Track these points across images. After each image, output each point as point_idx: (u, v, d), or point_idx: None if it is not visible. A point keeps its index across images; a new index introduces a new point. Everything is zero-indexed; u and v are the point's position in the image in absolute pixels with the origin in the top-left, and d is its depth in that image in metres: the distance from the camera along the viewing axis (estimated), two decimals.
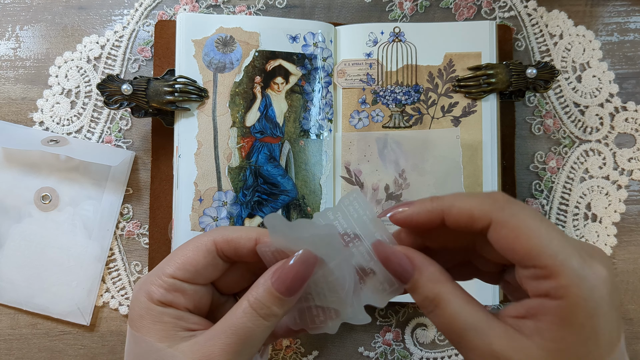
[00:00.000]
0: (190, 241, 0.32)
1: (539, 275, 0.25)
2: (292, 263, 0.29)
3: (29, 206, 0.49)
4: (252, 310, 0.29)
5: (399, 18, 0.53)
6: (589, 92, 0.52)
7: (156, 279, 0.31)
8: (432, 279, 0.27)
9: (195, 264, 0.31)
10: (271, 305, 0.29)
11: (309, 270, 0.29)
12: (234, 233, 0.31)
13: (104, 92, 0.45)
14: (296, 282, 0.29)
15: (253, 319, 0.29)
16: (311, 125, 0.48)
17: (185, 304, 0.31)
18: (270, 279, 0.29)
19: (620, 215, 0.52)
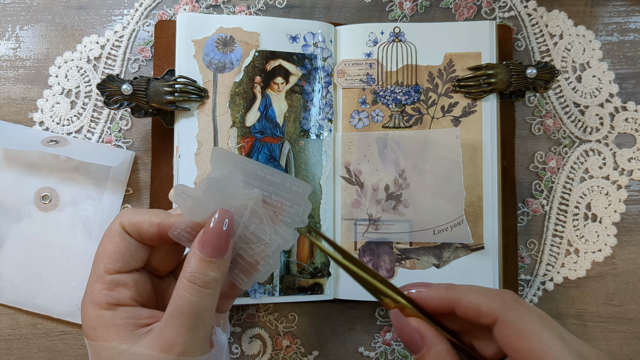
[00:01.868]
0: (103, 237, 0.33)
1: None
2: (212, 225, 0.30)
3: (29, 206, 0.49)
4: (190, 284, 0.30)
5: (399, 18, 0.53)
6: (589, 92, 0.52)
7: (95, 284, 0.31)
8: (438, 357, 0.29)
9: (117, 251, 0.32)
10: (207, 271, 0.30)
11: (229, 225, 0.31)
12: (138, 217, 0.32)
13: (104, 92, 0.45)
14: (221, 241, 0.30)
15: (194, 291, 0.30)
16: (311, 125, 0.48)
17: (131, 296, 0.32)
18: (198, 247, 0.30)
19: (620, 215, 0.52)
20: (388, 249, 0.47)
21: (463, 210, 0.46)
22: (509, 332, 0.27)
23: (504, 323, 0.28)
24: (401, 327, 0.30)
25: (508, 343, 0.27)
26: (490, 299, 0.29)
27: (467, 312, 0.29)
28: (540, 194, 0.52)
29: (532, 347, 0.26)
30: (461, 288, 0.30)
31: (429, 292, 0.30)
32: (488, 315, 0.28)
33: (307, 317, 0.51)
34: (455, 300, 0.29)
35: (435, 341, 0.29)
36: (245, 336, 0.51)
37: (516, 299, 0.29)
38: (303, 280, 0.47)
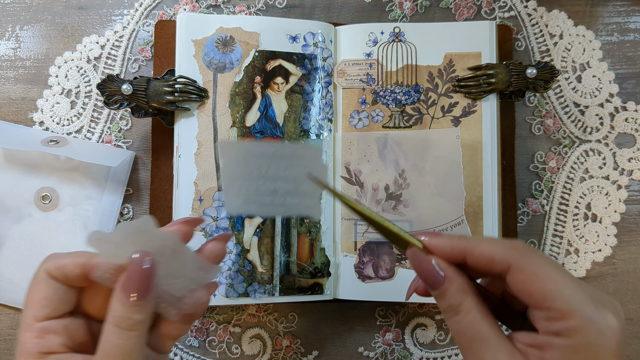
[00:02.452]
0: (30, 284, 0.32)
1: (551, 317, 0.27)
2: (131, 268, 0.30)
3: (29, 206, 0.49)
4: (115, 328, 0.30)
5: (399, 18, 0.53)
6: (589, 92, 0.52)
7: (25, 334, 0.31)
8: (460, 290, 0.29)
9: (44, 297, 0.31)
10: (131, 314, 0.30)
11: (149, 269, 0.30)
12: (61, 260, 0.32)
13: (104, 92, 0.45)
14: (143, 283, 0.30)
15: (120, 335, 0.30)
16: (311, 125, 0.48)
17: (62, 342, 0.31)
18: (120, 291, 0.30)
19: (620, 215, 0.52)
20: (388, 249, 0.47)
21: (463, 210, 0.46)
22: (523, 277, 0.28)
23: (518, 269, 0.28)
24: (420, 264, 0.30)
25: (523, 288, 0.28)
26: (503, 247, 0.29)
27: (480, 261, 0.29)
28: (540, 194, 0.52)
29: (547, 289, 0.27)
30: (472, 238, 0.30)
31: (441, 240, 0.31)
32: (501, 262, 0.29)
33: (307, 317, 0.51)
34: (467, 249, 0.30)
35: (456, 275, 0.30)
36: (245, 336, 0.51)
37: (527, 247, 0.29)
38: (303, 280, 0.47)
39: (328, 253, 0.47)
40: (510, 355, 0.28)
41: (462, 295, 0.29)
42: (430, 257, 0.30)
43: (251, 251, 0.46)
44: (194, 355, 0.50)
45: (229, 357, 0.50)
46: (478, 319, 0.29)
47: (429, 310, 0.51)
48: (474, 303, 0.29)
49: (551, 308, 0.27)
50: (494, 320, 0.29)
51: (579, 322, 0.26)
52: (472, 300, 0.29)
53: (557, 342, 0.27)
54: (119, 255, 0.31)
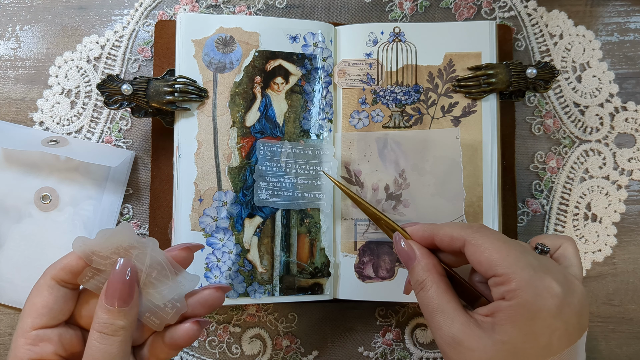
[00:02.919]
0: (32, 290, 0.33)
1: (497, 282, 0.32)
2: (113, 276, 0.32)
3: (29, 206, 0.49)
4: (99, 333, 0.31)
5: (399, 18, 0.53)
6: (589, 92, 0.52)
7: (19, 339, 0.32)
8: (425, 268, 0.35)
9: (45, 305, 0.32)
10: (113, 320, 0.31)
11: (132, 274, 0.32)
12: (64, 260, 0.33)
13: (104, 92, 0.45)
14: (125, 290, 0.32)
15: (104, 340, 0.31)
16: (311, 125, 0.48)
17: (54, 351, 0.32)
18: (103, 299, 0.32)
19: (620, 215, 0.52)
20: (388, 249, 0.47)
21: (463, 210, 0.46)
22: (474, 249, 0.33)
23: (470, 243, 0.33)
24: (399, 244, 0.38)
25: (475, 258, 0.33)
26: (461, 227, 0.35)
27: (443, 240, 0.35)
28: (540, 194, 0.52)
29: (492, 257, 0.32)
30: (440, 224, 0.36)
31: (417, 227, 0.38)
32: (458, 239, 0.34)
33: (307, 317, 0.51)
34: (434, 232, 0.36)
35: (424, 255, 0.36)
36: (245, 336, 0.51)
37: (483, 226, 0.35)
38: (303, 281, 0.47)
39: (328, 253, 0.47)
40: (465, 324, 0.31)
41: (426, 273, 0.35)
42: (406, 240, 0.38)
43: (251, 251, 0.46)
44: (194, 355, 0.50)
45: (229, 357, 0.50)
46: (438, 293, 0.33)
47: None
48: (435, 280, 0.34)
49: (496, 274, 0.31)
50: (453, 295, 0.34)
51: (518, 285, 0.30)
52: (434, 277, 0.34)
53: (502, 305, 0.31)
54: (101, 262, 0.32)
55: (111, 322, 0.31)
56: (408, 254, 0.37)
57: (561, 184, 0.52)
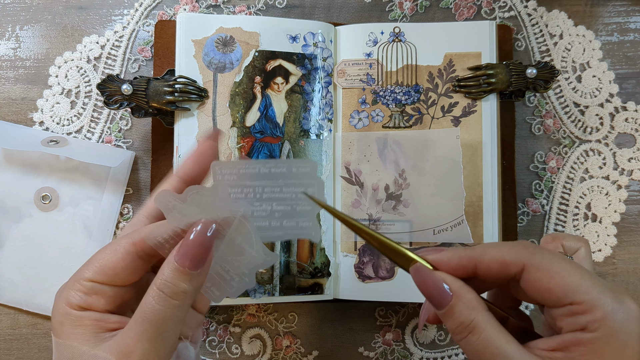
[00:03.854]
0: (109, 244, 0.32)
1: (575, 311, 0.26)
2: (192, 236, 0.29)
3: (29, 206, 0.49)
4: (158, 291, 0.29)
5: (399, 18, 0.53)
6: (589, 92, 0.52)
7: (74, 284, 0.30)
8: (469, 306, 0.28)
9: (113, 267, 0.31)
10: (178, 282, 0.29)
11: (210, 238, 0.29)
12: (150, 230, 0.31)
13: (104, 92, 0.45)
14: (200, 253, 0.29)
15: (161, 300, 0.29)
16: (311, 125, 0.48)
17: (105, 306, 0.31)
18: (174, 257, 0.29)
19: (620, 215, 0.52)
20: None
21: (463, 210, 0.46)
22: (540, 274, 0.27)
23: (534, 267, 0.27)
24: (425, 281, 0.29)
25: (542, 285, 0.27)
26: (512, 248, 0.28)
27: (491, 266, 0.28)
28: (540, 194, 0.52)
29: (566, 282, 0.27)
30: (478, 247, 0.29)
31: (447, 253, 0.29)
32: (514, 263, 0.28)
33: (307, 317, 0.51)
34: (476, 257, 0.28)
35: (464, 290, 0.28)
36: (245, 336, 0.51)
37: (535, 245, 0.29)
38: (303, 280, 0.47)
39: (328, 253, 0.47)
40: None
41: (473, 311, 0.28)
42: (435, 272, 0.29)
43: None
44: None
45: (229, 357, 0.50)
46: (494, 336, 0.27)
47: None
48: (486, 318, 0.28)
49: (574, 302, 0.26)
50: (508, 334, 0.28)
51: (604, 313, 0.26)
52: (484, 316, 0.28)
53: (584, 338, 0.26)
54: (182, 221, 0.30)
55: (174, 282, 0.29)
56: (440, 292, 0.28)
57: (561, 184, 0.52)
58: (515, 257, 0.28)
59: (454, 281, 0.29)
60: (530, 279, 0.27)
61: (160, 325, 0.29)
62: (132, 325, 0.29)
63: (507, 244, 0.29)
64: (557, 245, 0.34)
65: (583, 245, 0.33)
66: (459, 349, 0.51)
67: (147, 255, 0.32)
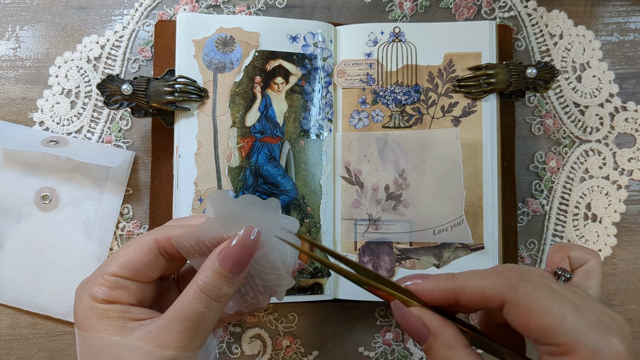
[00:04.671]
0: (132, 240, 0.33)
1: (554, 352, 0.26)
2: (237, 240, 0.30)
3: (29, 206, 0.49)
4: (202, 294, 0.30)
5: (399, 18, 0.53)
6: (589, 92, 0.52)
7: (98, 279, 0.31)
8: (446, 345, 0.28)
9: (136, 262, 0.32)
10: (221, 285, 0.30)
11: (253, 244, 0.30)
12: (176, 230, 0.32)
13: (104, 92, 0.45)
14: (243, 258, 0.30)
15: (205, 302, 0.30)
16: (311, 125, 0.48)
17: (128, 299, 0.32)
18: (217, 259, 0.30)
19: (620, 215, 0.52)
20: (388, 249, 0.47)
21: (463, 210, 0.46)
22: (519, 311, 0.26)
23: (513, 303, 0.27)
24: (403, 318, 0.29)
25: (520, 322, 0.27)
26: (493, 280, 0.28)
27: (472, 300, 0.28)
28: (540, 194, 0.52)
29: (545, 322, 0.26)
30: (461, 276, 0.29)
31: (429, 284, 0.30)
32: (494, 298, 0.27)
33: (307, 317, 0.51)
34: (457, 289, 0.28)
35: (441, 329, 0.28)
36: (245, 336, 0.51)
37: (520, 275, 0.27)
38: (303, 280, 0.47)
39: None
40: None
41: (449, 350, 0.28)
42: (412, 309, 0.29)
43: None
44: None
45: (229, 357, 0.50)
46: None
47: None
48: (464, 356, 0.28)
49: (553, 343, 0.26)
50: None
51: (584, 356, 0.25)
52: (462, 354, 0.28)
53: None
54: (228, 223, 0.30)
55: (219, 286, 0.30)
56: (417, 330, 0.29)
57: (561, 184, 0.52)
58: (496, 291, 0.27)
59: (432, 319, 0.29)
60: (510, 315, 0.27)
61: (201, 325, 0.30)
62: (170, 322, 0.30)
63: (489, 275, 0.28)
64: (563, 255, 0.33)
65: (592, 258, 0.32)
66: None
67: (169, 255, 0.33)
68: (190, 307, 0.30)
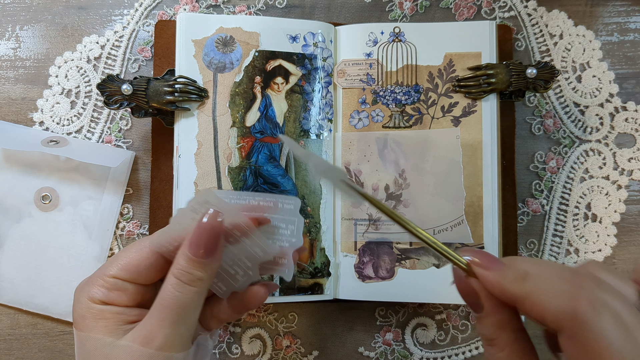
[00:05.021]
0: (134, 243, 0.33)
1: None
2: (200, 223, 0.31)
3: (29, 206, 0.49)
4: (176, 280, 0.31)
5: (399, 18, 0.53)
6: (589, 92, 0.52)
7: (97, 280, 0.32)
8: (495, 324, 0.28)
9: (137, 265, 0.32)
10: (193, 270, 0.31)
11: (218, 226, 0.31)
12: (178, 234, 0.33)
13: (104, 92, 0.45)
14: (210, 240, 0.31)
15: (179, 287, 0.30)
16: (311, 125, 0.48)
17: (126, 302, 0.32)
18: (186, 245, 0.31)
19: (620, 215, 0.52)
20: (388, 249, 0.47)
21: (463, 210, 0.46)
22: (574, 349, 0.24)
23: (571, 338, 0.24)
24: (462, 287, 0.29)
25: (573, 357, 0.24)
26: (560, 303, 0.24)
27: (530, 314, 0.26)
28: (540, 194, 0.52)
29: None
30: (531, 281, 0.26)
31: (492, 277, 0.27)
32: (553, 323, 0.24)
33: (307, 317, 0.51)
34: (518, 297, 0.26)
35: (495, 309, 0.27)
36: (245, 336, 0.51)
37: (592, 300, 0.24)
38: (303, 280, 0.47)
39: (328, 253, 0.47)
40: None
41: (498, 331, 0.27)
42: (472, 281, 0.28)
43: None
44: None
45: (229, 357, 0.50)
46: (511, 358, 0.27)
47: (429, 310, 0.51)
48: (510, 341, 0.27)
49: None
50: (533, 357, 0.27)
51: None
52: (509, 337, 0.27)
53: None
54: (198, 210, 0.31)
55: (190, 270, 0.31)
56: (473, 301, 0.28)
57: (561, 184, 0.52)
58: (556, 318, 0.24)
59: (487, 299, 0.28)
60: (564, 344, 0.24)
61: (179, 310, 0.30)
62: (152, 313, 0.31)
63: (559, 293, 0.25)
64: None
65: None
66: (459, 349, 0.51)
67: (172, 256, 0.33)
68: (166, 293, 0.30)
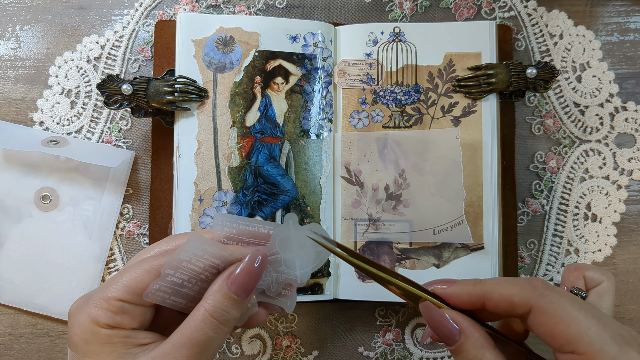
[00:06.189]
0: (140, 262, 0.31)
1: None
2: (245, 264, 0.30)
3: (29, 206, 0.49)
4: (212, 318, 0.29)
5: (399, 18, 0.53)
6: (589, 92, 0.52)
7: (101, 302, 0.30)
8: (478, 345, 0.29)
9: (143, 287, 0.30)
10: (230, 309, 0.30)
11: (260, 268, 0.31)
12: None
13: (104, 92, 0.45)
14: (252, 281, 0.30)
15: (214, 327, 0.29)
16: (311, 125, 0.48)
17: (132, 324, 0.31)
18: (227, 283, 0.30)
19: (620, 215, 0.52)
20: (388, 249, 0.47)
21: (463, 210, 0.46)
22: (545, 319, 0.27)
23: (540, 310, 0.27)
24: (433, 319, 0.30)
25: (545, 330, 0.27)
26: (521, 287, 0.28)
27: (499, 305, 0.29)
28: (540, 194, 0.52)
29: (571, 331, 0.26)
30: (489, 282, 0.30)
31: (457, 288, 0.30)
32: (521, 304, 0.28)
33: (307, 317, 0.51)
34: (485, 294, 0.29)
35: (472, 329, 0.29)
36: (245, 336, 0.51)
37: (547, 285, 0.28)
38: None
39: None
40: None
41: (481, 350, 0.29)
42: (443, 310, 0.30)
43: None
44: None
45: (229, 357, 0.50)
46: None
47: None
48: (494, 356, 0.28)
49: (576, 351, 0.26)
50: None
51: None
52: (492, 354, 0.28)
53: None
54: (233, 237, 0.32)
55: (228, 310, 0.30)
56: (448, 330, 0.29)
57: (561, 184, 0.52)
58: (523, 298, 0.28)
59: (463, 320, 0.29)
60: (536, 322, 0.28)
61: (209, 349, 0.30)
62: (177, 347, 0.29)
63: (517, 283, 0.29)
64: (578, 275, 0.33)
65: (606, 279, 0.33)
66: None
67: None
68: (199, 332, 0.29)
